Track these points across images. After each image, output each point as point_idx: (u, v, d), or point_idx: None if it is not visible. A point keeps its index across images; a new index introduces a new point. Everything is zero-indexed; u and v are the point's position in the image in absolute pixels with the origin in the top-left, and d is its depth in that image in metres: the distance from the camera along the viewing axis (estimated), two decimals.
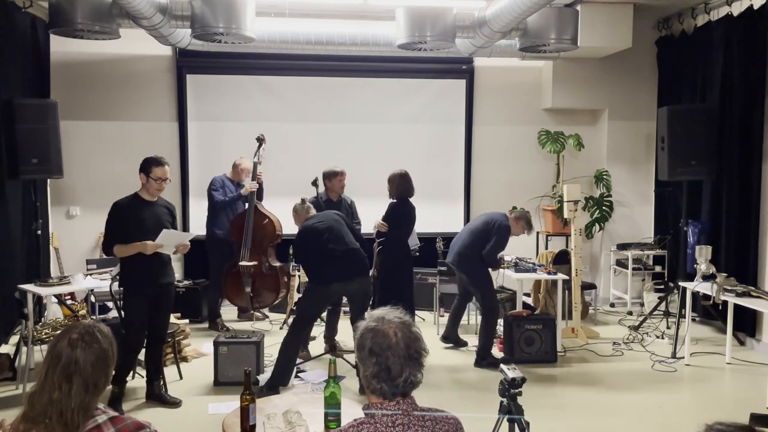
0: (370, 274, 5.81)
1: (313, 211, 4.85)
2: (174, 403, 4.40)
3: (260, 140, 6.11)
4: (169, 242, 4.24)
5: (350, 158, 6.68)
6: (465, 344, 5.71)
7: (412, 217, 5.51)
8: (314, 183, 5.70)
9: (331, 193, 5.72)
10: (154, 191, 4.25)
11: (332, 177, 5.68)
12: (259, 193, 6.18)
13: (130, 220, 4.18)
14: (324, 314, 5.58)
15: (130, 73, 6.94)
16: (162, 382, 4.51)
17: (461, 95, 7.39)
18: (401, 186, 5.39)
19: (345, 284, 4.62)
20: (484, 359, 5.23)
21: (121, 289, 4.36)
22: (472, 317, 6.49)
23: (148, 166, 4.21)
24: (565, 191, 6.12)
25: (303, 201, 4.93)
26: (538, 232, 7.42)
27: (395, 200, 5.43)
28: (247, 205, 6.15)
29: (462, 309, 5.78)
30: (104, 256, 6.60)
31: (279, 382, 4.56)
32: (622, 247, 7.15)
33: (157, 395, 4.41)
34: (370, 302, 5.79)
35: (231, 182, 6.25)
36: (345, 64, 7.03)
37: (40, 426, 1.77)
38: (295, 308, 6.30)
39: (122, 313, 4.45)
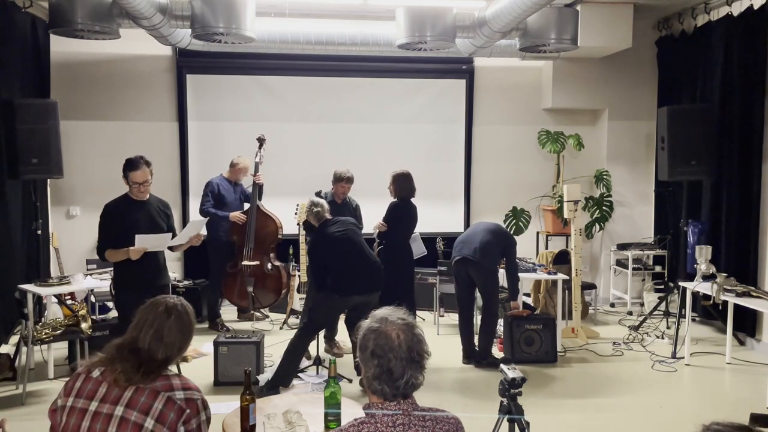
0: None
1: (328, 215, 4.78)
2: None
3: (261, 140, 6.12)
4: (149, 243, 4.12)
5: (350, 158, 6.68)
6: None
7: (414, 217, 5.51)
8: (318, 194, 5.71)
9: (335, 195, 5.71)
10: (136, 195, 4.16)
11: (337, 181, 5.65)
12: (259, 194, 6.18)
13: (122, 222, 4.10)
14: None
15: (130, 73, 6.94)
16: None
17: (461, 95, 7.39)
18: (403, 186, 5.39)
19: (363, 296, 4.60)
20: (484, 359, 5.23)
21: (113, 291, 4.32)
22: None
23: (125, 170, 4.13)
24: (565, 191, 6.12)
25: (319, 204, 4.77)
26: (538, 232, 7.42)
27: (397, 200, 5.42)
28: (248, 205, 6.15)
29: (472, 322, 5.46)
30: None
31: (280, 383, 4.56)
32: (622, 247, 7.15)
33: None
34: None
35: (228, 182, 6.24)
36: (345, 64, 7.03)
37: (116, 366, 2.02)
38: (295, 309, 6.31)
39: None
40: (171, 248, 4.37)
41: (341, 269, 4.58)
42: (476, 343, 5.41)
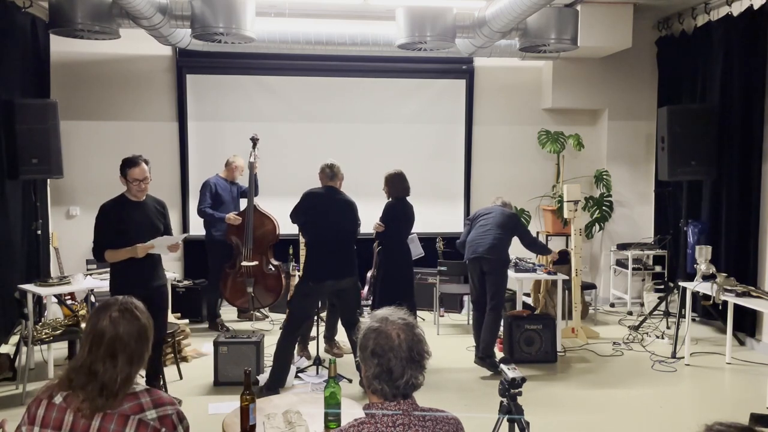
0: (370, 274, 5.83)
1: (331, 182, 4.74)
2: None
3: (254, 140, 6.11)
4: (161, 244, 4.13)
5: (350, 158, 6.66)
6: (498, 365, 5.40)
7: (410, 216, 5.49)
8: None
9: None
10: (135, 193, 4.10)
11: None
12: (255, 189, 6.18)
13: (118, 222, 4.06)
14: (324, 314, 5.59)
15: (130, 73, 6.94)
16: (161, 383, 4.51)
17: (461, 95, 7.39)
18: (397, 186, 5.38)
19: (337, 281, 4.61)
20: (488, 356, 5.18)
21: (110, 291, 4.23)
22: (471, 316, 6.49)
23: (124, 167, 4.07)
24: (565, 191, 6.12)
25: (333, 166, 4.76)
26: (538, 232, 7.42)
27: (392, 200, 5.43)
28: (245, 205, 6.16)
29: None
30: None
31: (277, 384, 4.55)
32: (622, 247, 7.15)
33: None
34: (370, 303, 5.80)
35: (225, 181, 6.25)
36: (345, 64, 7.03)
37: (77, 392, 1.84)
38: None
39: None
40: None
41: (315, 252, 4.60)
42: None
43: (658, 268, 7.09)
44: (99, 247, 4.12)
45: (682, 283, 5.53)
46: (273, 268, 6.17)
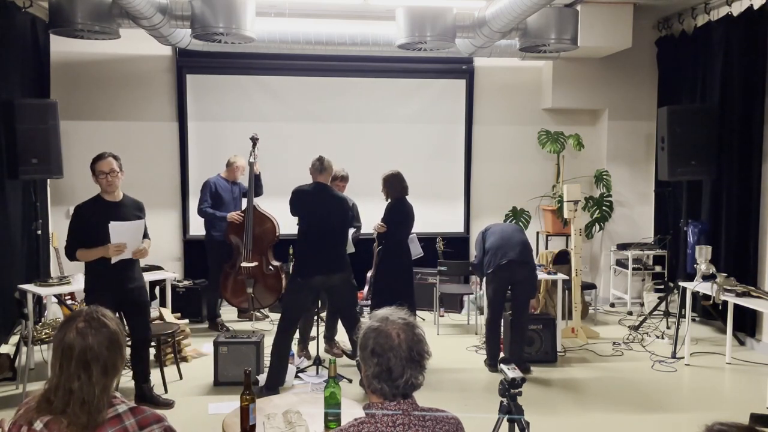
0: (370, 275, 5.83)
1: (322, 178, 4.73)
2: (166, 404, 4.35)
3: (254, 140, 6.11)
4: (126, 236, 4.06)
5: (350, 158, 6.67)
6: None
7: (410, 216, 5.49)
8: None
9: None
10: (104, 187, 4.12)
11: (332, 180, 5.62)
12: (258, 188, 6.18)
13: (93, 223, 4.05)
14: (324, 314, 5.59)
15: (130, 73, 6.94)
16: (152, 384, 4.43)
17: (461, 95, 7.39)
18: (395, 187, 5.37)
19: (326, 277, 4.59)
20: (522, 362, 5.03)
21: (84, 293, 4.23)
22: (472, 317, 6.50)
23: (92, 165, 4.12)
24: (565, 191, 6.12)
25: (323, 160, 4.76)
26: (538, 232, 7.42)
27: (392, 200, 5.43)
28: (245, 205, 6.16)
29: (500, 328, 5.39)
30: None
31: (276, 383, 4.55)
32: (622, 247, 7.15)
33: (147, 397, 4.33)
34: (370, 303, 5.80)
35: (226, 182, 6.24)
36: (345, 64, 7.03)
37: (59, 416, 1.77)
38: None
39: None
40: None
41: (305, 249, 4.61)
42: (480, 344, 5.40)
43: (658, 268, 7.09)
44: (71, 247, 4.10)
45: (682, 283, 5.53)
46: (273, 269, 6.17)
